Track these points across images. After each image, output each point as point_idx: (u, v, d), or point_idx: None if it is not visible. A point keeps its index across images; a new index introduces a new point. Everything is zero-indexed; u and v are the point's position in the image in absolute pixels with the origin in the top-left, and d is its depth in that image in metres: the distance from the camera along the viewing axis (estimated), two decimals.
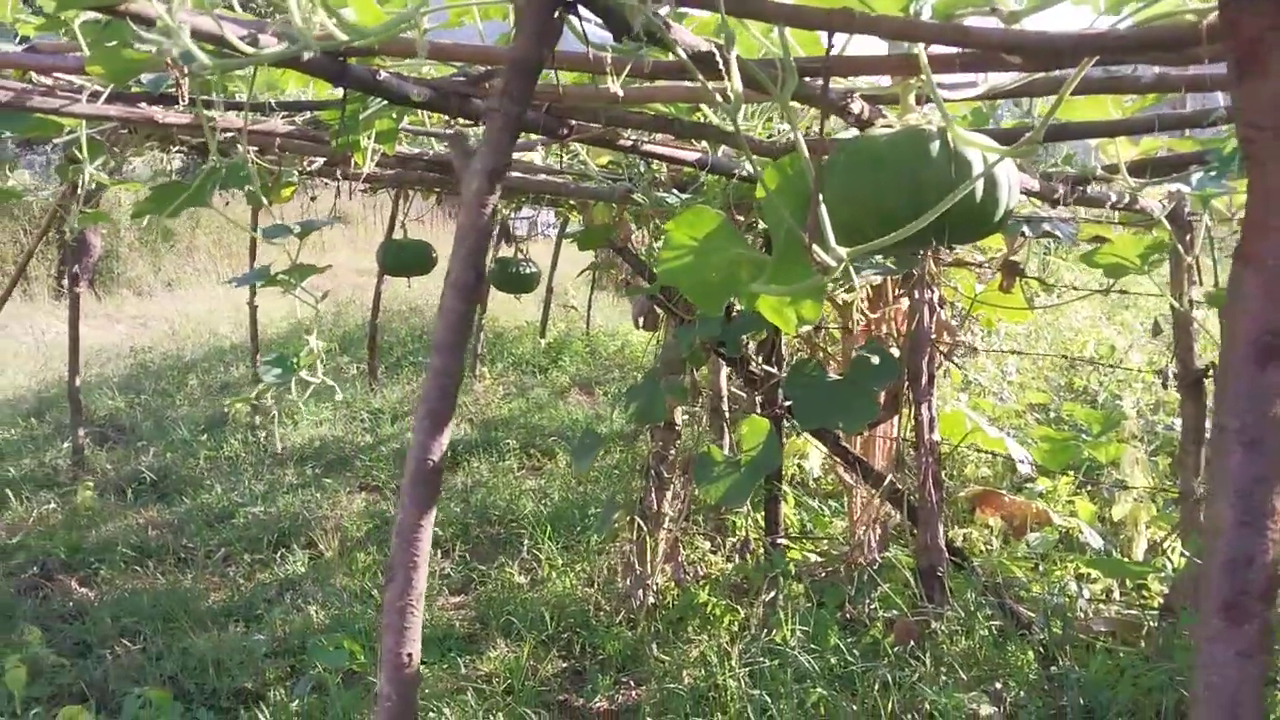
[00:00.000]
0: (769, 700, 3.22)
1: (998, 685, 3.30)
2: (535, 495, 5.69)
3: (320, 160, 3.92)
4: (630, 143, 2.91)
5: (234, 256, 14.76)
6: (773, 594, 3.71)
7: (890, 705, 3.14)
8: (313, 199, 7.04)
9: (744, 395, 4.56)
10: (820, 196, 1.47)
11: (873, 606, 3.65)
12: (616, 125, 2.70)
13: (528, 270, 6.41)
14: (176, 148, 4.22)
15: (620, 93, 1.81)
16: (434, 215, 12.44)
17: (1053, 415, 6.20)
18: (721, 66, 1.48)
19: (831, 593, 3.71)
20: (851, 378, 3.18)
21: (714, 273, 1.85)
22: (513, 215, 9.05)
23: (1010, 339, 7.64)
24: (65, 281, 12.70)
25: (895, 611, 3.58)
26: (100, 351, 9.50)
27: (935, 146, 1.60)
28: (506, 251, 6.19)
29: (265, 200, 3.73)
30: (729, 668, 3.40)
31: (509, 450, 6.57)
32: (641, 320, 3.86)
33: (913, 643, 3.41)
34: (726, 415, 4.48)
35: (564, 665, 3.82)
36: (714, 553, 4.49)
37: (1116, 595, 3.88)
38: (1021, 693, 3.26)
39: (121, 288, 13.86)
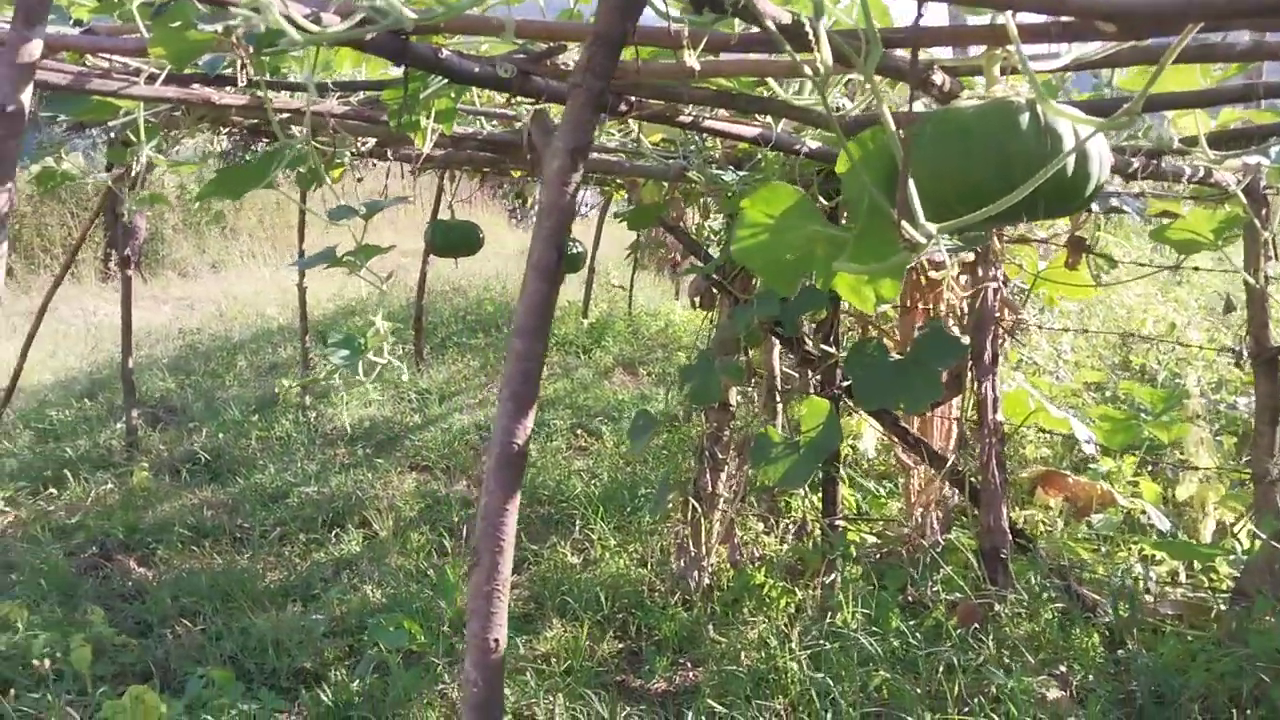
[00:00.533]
0: (830, 683, 3.18)
1: (1063, 668, 3.25)
2: (584, 476, 5.68)
3: (372, 141, 3.91)
4: (690, 119, 2.87)
5: (278, 239, 14.84)
6: (833, 576, 3.67)
7: (956, 688, 3.10)
8: (359, 180, 7.03)
9: (795, 375, 4.51)
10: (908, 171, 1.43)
11: (935, 589, 3.60)
12: (675, 101, 2.66)
13: (574, 250, 6.39)
14: (226, 130, 4.24)
15: (697, 67, 1.77)
16: (478, 196, 12.45)
17: (1108, 394, 6.10)
18: (811, 38, 1.44)
19: (893, 575, 3.67)
20: (914, 357, 3.13)
21: (789, 251, 1.81)
22: None
23: (1063, 316, 7.52)
24: (112, 264, 12.86)
25: (958, 594, 3.53)
26: (149, 334, 9.59)
27: (1025, 119, 1.55)
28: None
29: (325, 179, 3.73)
30: (790, 650, 3.37)
31: (556, 430, 6.57)
32: (698, 299, 3.82)
33: (976, 626, 3.37)
34: (779, 396, 4.44)
35: (620, 646, 3.81)
36: (768, 534, 4.45)
37: (1183, 578, 3.80)
38: (1089, 676, 3.21)
39: (166, 269, 13.99)
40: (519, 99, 3.70)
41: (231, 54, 2.68)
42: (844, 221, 3.29)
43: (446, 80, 2.66)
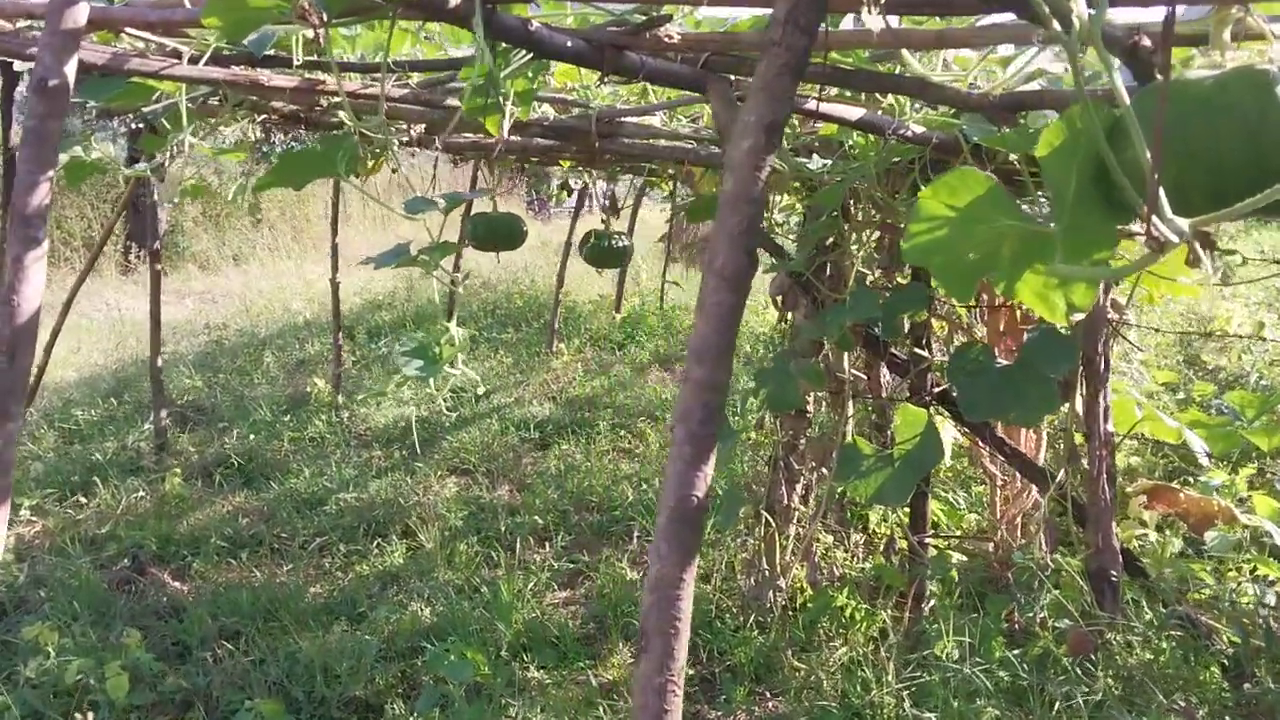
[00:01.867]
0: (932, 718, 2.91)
1: (1184, 701, 2.97)
2: (632, 481, 5.42)
3: (421, 127, 3.64)
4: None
5: (300, 231, 14.61)
6: (931, 602, 3.39)
7: None
8: (394, 171, 6.77)
9: (865, 379, 4.23)
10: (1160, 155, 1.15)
11: (1041, 615, 3.31)
12: None
13: (620, 244, 6.11)
14: (261, 117, 3.97)
15: (880, 25, 1.49)
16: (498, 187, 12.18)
17: (1179, 396, 5.80)
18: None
19: (994, 600, 3.38)
20: (1024, 363, 2.84)
21: (974, 249, 1.53)
22: (593, 184, 8.75)
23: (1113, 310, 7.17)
24: (133, 256, 12.63)
25: (1066, 620, 3.24)
26: (174, 329, 9.34)
27: None
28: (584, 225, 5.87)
29: (373, 168, 3.46)
30: (885, 683, 3.09)
31: (599, 432, 6.30)
32: (780, 299, 3.54)
33: (1089, 656, 3.08)
34: (851, 403, 4.16)
35: (691, 672, 3.54)
36: (840, 549, 4.17)
37: None
38: (1213, 712, 2.92)
39: (186, 262, 13.75)
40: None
41: (292, 25, 2.41)
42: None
43: (530, 57, 2.39)
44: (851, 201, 3.48)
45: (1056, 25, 1.13)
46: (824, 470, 3.73)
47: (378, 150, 3.28)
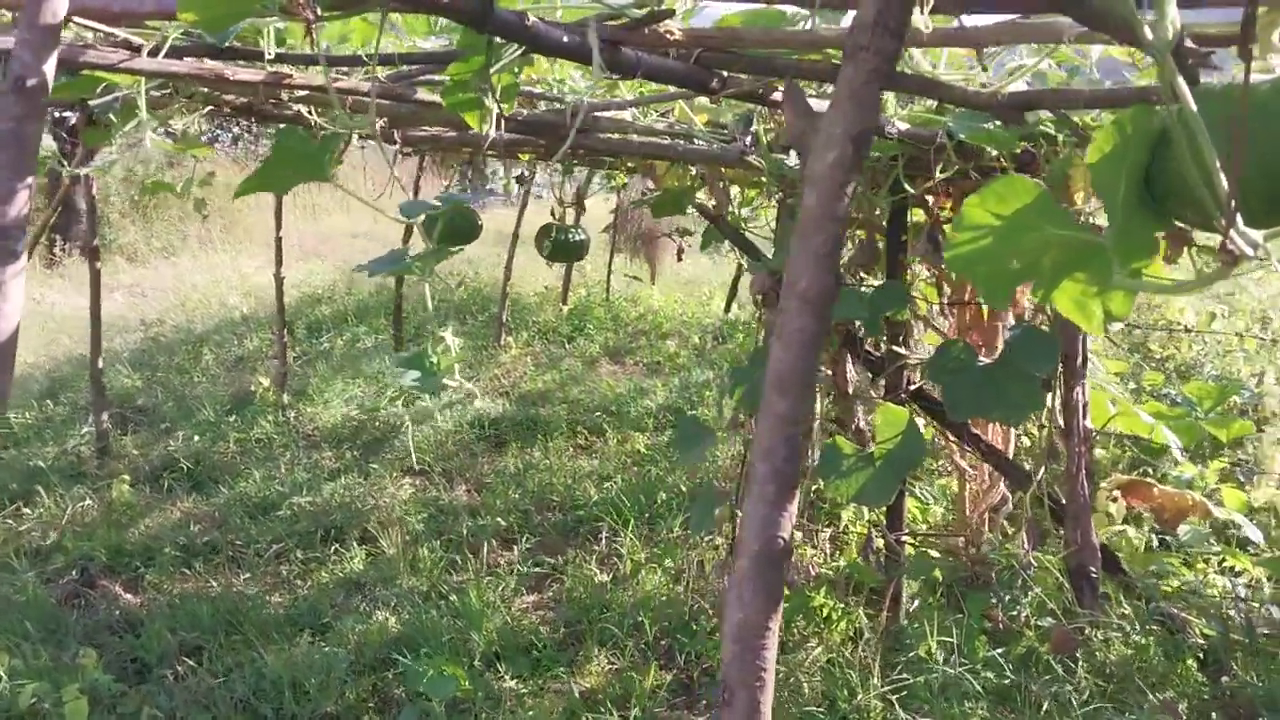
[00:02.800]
0: None
1: (1165, 696, 2.98)
2: (594, 479, 5.34)
3: (383, 121, 3.53)
4: (782, 96, 2.53)
5: (234, 223, 14.21)
6: (915, 603, 3.37)
7: None
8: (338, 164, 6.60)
9: (830, 375, 4.20)
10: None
11: (1023, 613, 3.31)
12: (777, 75, 2.32)
13: (577, 238, 6.02)
14: (208, 108, 3.81)
15: (929, 26, 1.42)
16: (426, 176, 12.03)
17: (1131, 386, 5.87)
18: None
19: (975, 599, 3.37)
20: (1006, 361, 2.82)
21: (1017, 258, 1.49)
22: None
23: None
24: (58, 250, 12.22)
25: (1049, 619, 3.24)
26: (106, 325, 8.98)
27: None
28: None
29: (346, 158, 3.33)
30: (871, 686, 3.06)
31: (555, 429, 6.20)
32: (761, 298, 3.48)
33: (1072, 653, 3.09)
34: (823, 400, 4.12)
35: (668, 677, 3.48)
36: (809, 546, 4.14)
37: (1267, 591, 3.56)
38: (1198, 706, 2.94)
39: (114, 254, 13.32)
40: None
41: (272, 19, 2.30)
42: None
43: (521, 52, 2.31)
44: None
45: (1148, 32, 1.07)
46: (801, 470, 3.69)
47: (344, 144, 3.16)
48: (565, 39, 1.96)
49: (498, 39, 2.25)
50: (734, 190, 4.74)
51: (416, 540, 4.52)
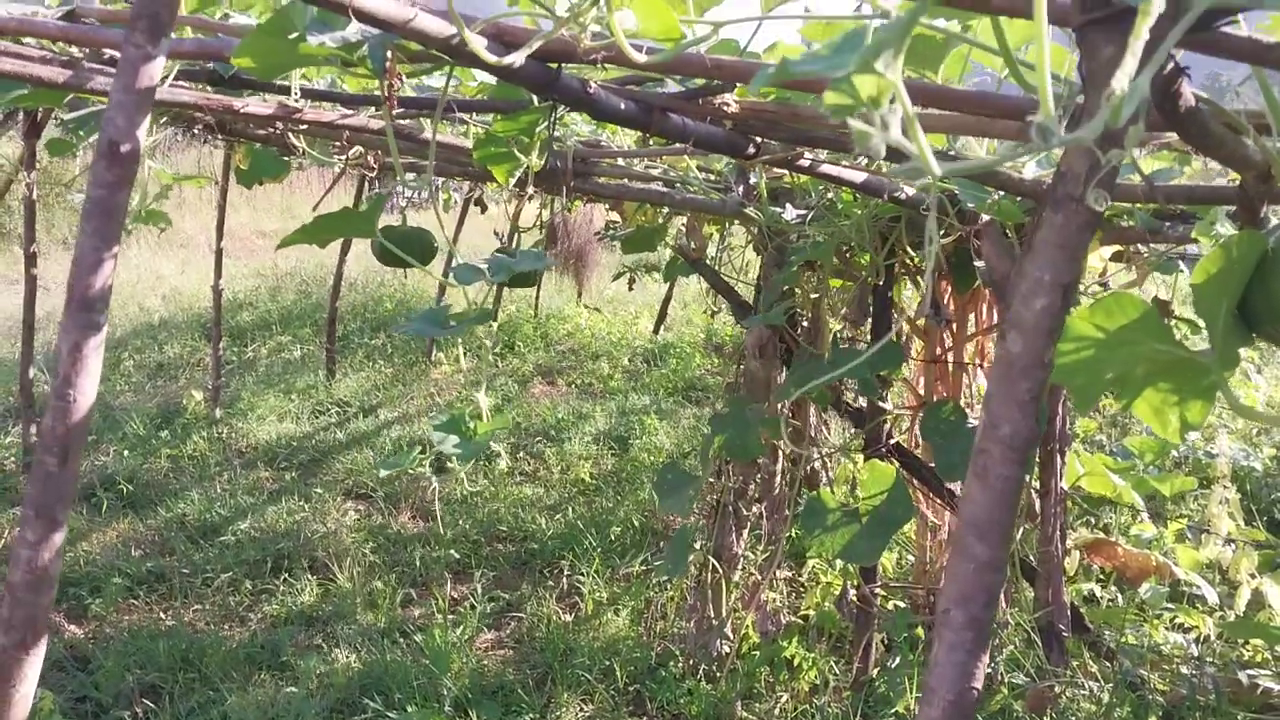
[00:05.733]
0: None
1: None
2: (541, 509, 5.29)
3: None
4: (809, 163, 2.57)
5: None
6: (896, 658, 3.41)
7: None
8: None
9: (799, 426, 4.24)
10: None
11: (998, 670, 3.38)
12: (806, 145, 2.36)
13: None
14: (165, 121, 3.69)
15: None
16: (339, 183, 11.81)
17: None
18: None
19: None
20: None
21: (1113, 369, 1.52)
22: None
23: None
24: None
25: (1022, 676, 3.31)
26: (8, 318, 8.62)
27: None
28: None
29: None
30: None
31: (494, 453, 6.13)
32: (758, 350, 3.49)
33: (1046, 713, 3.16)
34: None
35: None
36: (772, 590, 4.16)
37: (1217, 649, 3.69)
38: None
39: (12, 244, 12.76)
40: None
41: (332, 67, 2.24)
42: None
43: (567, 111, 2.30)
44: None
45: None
46: (777, 518, 3.72)
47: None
48: (623, 106, 1.95)
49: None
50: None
51: (371, 572, 4.42)
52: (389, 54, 1.75)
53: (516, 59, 1.60)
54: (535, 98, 2.25)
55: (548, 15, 1.64)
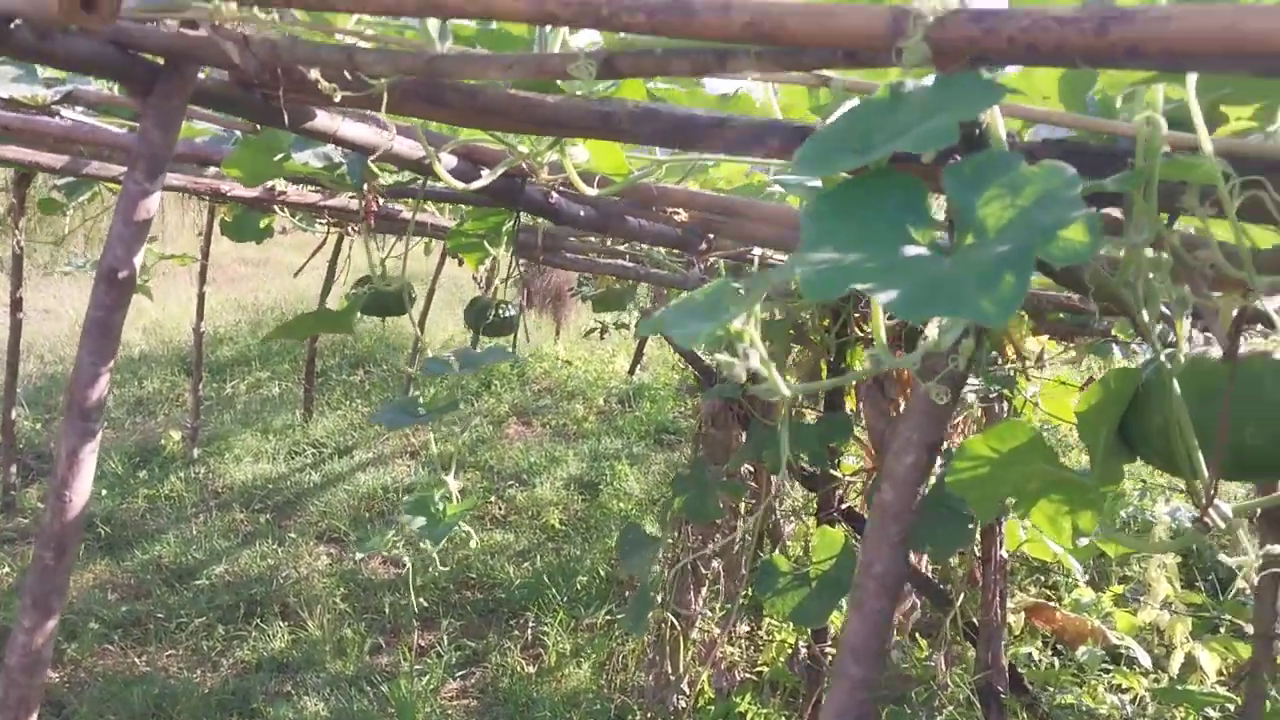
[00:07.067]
0: None
1: None
2: (511, 556, 5.42)
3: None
4: (758, 257, 2.74)
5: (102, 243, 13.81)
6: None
7: None
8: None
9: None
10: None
11: None
12: (751, 243, 2.55)
13: (507, 314, 6.11)
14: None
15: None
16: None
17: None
18: None
19: (896, 716, 3.58)
20: (938, 500, 3.05)
21: (1007, 484, 1.71)
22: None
23: None
24: None
25: None
26: None
27: None
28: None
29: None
30: None
31: (468, 496, 6.25)
32: (712, 420, 3.66)
33: None
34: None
35: None
36: (730, 644, 4.31)
37: (1150, 710, 3.86)
38: None
39: None
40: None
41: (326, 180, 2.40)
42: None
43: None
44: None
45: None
46: (734, 578, 3.86)
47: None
48: (581, 213, 2.13)
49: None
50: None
51: (340, 619, 4.54)
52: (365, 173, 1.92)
53: (479, 184, 1.78)
54: None
55: (510, 149, 1.81)
